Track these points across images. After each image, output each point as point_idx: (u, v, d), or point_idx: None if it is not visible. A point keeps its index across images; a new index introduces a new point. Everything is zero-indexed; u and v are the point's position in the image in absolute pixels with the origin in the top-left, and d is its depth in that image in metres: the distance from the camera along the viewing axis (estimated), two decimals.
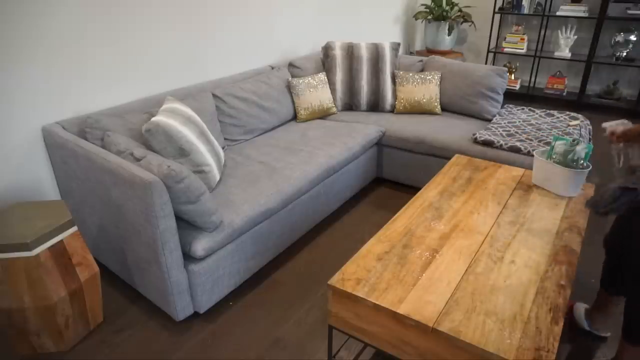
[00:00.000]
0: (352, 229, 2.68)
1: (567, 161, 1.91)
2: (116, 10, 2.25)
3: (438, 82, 3.24)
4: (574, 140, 1.91)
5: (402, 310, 1.34)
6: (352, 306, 1.45)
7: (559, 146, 1.91)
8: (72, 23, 2.09)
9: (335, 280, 1.47)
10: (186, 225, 1.89)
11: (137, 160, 1.81)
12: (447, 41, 4.82)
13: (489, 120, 3.12)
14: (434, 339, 1.31)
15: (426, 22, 4.87)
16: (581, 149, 1.87)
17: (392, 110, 3.33)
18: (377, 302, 1.38)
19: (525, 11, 4.69)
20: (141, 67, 2.45)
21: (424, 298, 1.39)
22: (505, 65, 5.06)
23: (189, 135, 2.06)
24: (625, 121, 1.66)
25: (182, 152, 2.02)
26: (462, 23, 4.93)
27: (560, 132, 2.75)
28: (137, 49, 2.40)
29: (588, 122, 2.99)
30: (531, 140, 2.67)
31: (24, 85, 2.00)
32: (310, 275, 2.29)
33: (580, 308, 1.95)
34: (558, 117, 3.02)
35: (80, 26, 2.13)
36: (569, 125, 1.86)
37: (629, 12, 4.23)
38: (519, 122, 2.96)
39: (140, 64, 2.44)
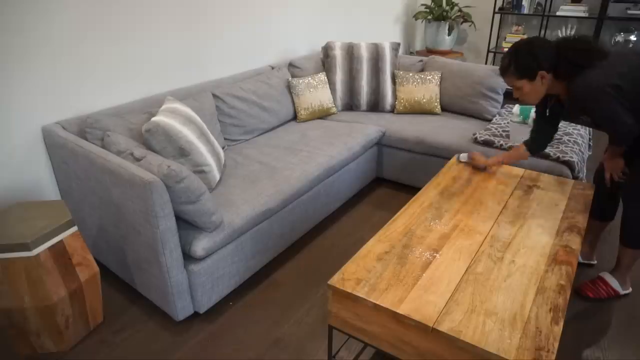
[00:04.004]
0: (352, 229, 2.68)
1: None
2: (117, 10, 2.25)
3: (438, 82, 3.24)
4: None
5: (402, 310, 1.34)
6: (352, 306, 1.45)
7: (532, 113, 2.55)
8: (72, 23, 2.09)
9: (335, 280, 1.47)
10: (186, 225, 1.89)
11: (137, 160, 1.81)
12: (447, 41, 4.82)
13: (489, 120, 3.12)
14: (434, 339, 1.31)
15: (426, 22, 4.87)
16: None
17: (392, 110, 3.33)
18: (377, 302, 1.38)
19: (525, 11, 4.69)
20: (141, 67, 2.45)
21: (424, 298, 1.39)
22: None
23: (189, 135, 2.06)
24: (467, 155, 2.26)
25: (182, 152, 2.02)
26: (462, 23, 4.93)
27: (560, 133, 2.76)
28: (138, 49, 2.40)
29: None
30: None
31: (24, 86, 2.00)
32: (310, 275, 2.29)
33: None
34: None
35: (81, 26, 2.13)
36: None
37: (629, 12, 4.23)
38: None
39: (141, 63, 2.45)
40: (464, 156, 2.26)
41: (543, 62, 1.73)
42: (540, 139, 2.08)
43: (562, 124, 2.90)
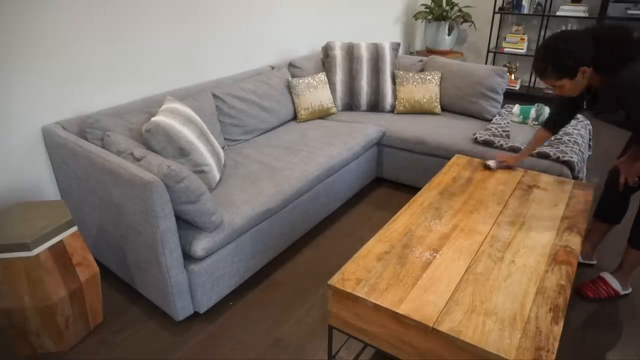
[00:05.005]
0: (352, 229, 2.68)
1: (540, 121, 2.56)
2: (116, 10, 2.25)
3: (438, 82, 3.24)
4: (538, 106, 2.59)
5: (402, 310, 1.34)
6: (352, 306, 1.45)
7: (532, 113, 2.60)
8: (72, 23, 2.09)
9: (335, 280, 1.47)
10: (186, 225, 1.89)
11: (137, 160, 1.81)
12: (447, 41, 4.82)
13: (489, 120, 3.12)
14: (434, 339, 1.31)
15: (426, 22, 4.87)
16: (546, 110, 2.57)
17: (392, 110, 3.33)
18: (377, 302, 1.38)
19: (525, 11, 4.69)
20: (141, 67, 2.45)
21: (424, 298, 1.39)
22: (505, 65, 5.06)
23: (189, 135, 2.06)
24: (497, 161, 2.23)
25: (182, 152, 2.02)
26: (462, 23, 4.93)
27: (561, 133, 2.75)
28: (137, 48, 2.40)
29: (588, 122, 2.99)
30: None
31: (23, 85, 2.00)
32: (310, 275, 2.29)
33: None
34: None
35: (80, 26, 2.13)
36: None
37: (629, 12, 4.23)
38: None
39: (140, 63, 2.45)
40: (492, 162, 2.24)
41: (583, 58, 1.61)
42: (562, 117, 2.05)
43: None
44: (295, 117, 3.19)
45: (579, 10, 4.39)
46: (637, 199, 2.19)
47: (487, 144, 2.69)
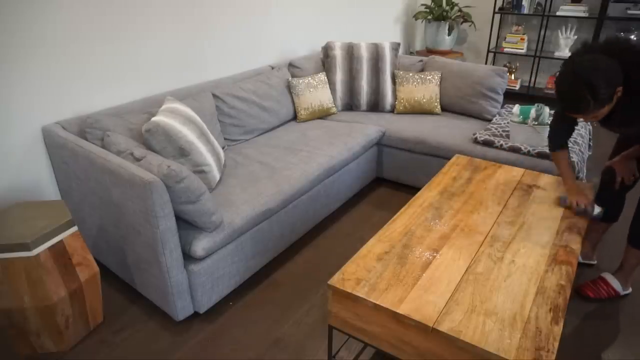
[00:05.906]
0: (352, 229, 2.68)
1: (540, 121, 2.57)
2: (116, 10, 2.25)
3: (438, 82, 3.24)
4: (538, 106, 2.59)
5: (402, 310, 1.34)
6: (352, 306, 1.45)
7: (532, 113, 2.60)
8: (72, 23, 2.09)
9: (335, 280, 1.47)
10: (186, 225, 1.89)
11: (137, 160, 1.81)
12: (447, 41, 4.82)
13: (489, 120, 3.12)
14: (434, 339, 1.31)
15: (426, 22, 4.87)
16: (546, 110, 2.58)
17: (392, 110, 3.33)
18: (377, 302, 1.38)
19: (525, 11, 4.69)
20: (141, 67, 2.45)
21: (424, 298, 1.39)
22: (505, 65, 5.06)
23: (189, 135, 2.06)
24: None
25: (182, 152, 2.02)
26: (462, 23, 4.93)
27: None
28: (137, 48, 2.40)
29: (588, 122, 2.99)
30: None
31: (23, 85, 2.00)
32: (310, 275, 2.29)
33: None
34: None
35: (80, 26, 2.13)
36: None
37: (629, 12, 4.23)
38: None
39: (140, 63, 2.44)
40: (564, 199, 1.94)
41: (617, 80, 1.56)
42: (569, 131, 1.97)
43: None
44: (295, 117, 3.19)
45: (579, 10, 4.39)
46: (635, 198, 2.18)
47: (487, 144, 2.69)
